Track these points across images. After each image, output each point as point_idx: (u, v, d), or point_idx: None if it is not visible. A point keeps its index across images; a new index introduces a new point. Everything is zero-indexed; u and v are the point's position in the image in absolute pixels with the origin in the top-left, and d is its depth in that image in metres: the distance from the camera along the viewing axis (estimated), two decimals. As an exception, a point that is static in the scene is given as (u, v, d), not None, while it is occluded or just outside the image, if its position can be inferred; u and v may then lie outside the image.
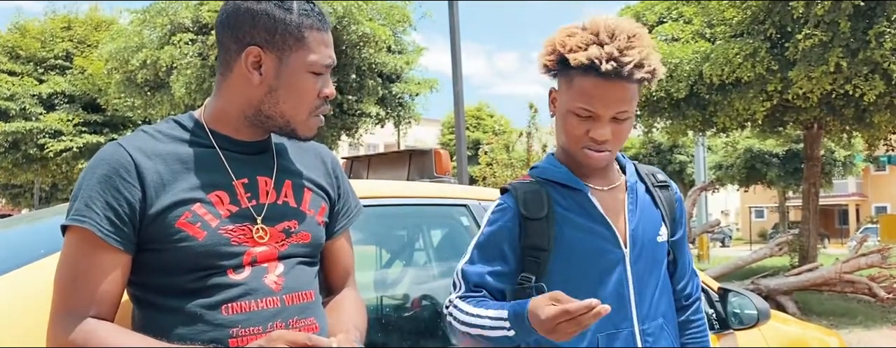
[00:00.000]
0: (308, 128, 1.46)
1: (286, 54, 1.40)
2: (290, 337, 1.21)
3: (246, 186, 1.42)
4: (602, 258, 1.64)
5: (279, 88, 1.40)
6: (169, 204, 1.33)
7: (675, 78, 11.13)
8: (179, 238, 1.33)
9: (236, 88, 1.42)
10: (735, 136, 23.91)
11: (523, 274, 1.62)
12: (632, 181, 1.74)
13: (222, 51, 1.43)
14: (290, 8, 1.40)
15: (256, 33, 1.38)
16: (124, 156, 1.34)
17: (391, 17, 13.72)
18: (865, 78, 9.66)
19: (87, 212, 1.30)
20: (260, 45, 1.39)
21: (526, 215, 1.63)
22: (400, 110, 15.04)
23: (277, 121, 1.43)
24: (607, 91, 1.55)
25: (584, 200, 1.66)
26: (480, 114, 35.21)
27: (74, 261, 1.30)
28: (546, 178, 1.70)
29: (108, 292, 1.30)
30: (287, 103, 1.42)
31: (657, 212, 1.75)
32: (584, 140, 1.60)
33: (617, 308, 1.61)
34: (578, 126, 1.60)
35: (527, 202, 1.64)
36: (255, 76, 1.39)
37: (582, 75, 1.56)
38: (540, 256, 1.61)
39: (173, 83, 12.28)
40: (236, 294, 1.35)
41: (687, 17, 12.52)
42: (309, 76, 1.42)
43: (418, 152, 3.07)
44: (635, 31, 1.58)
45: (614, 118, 1.58)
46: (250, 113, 1.43)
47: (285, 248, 1.43)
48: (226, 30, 1.41)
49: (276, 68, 1.40)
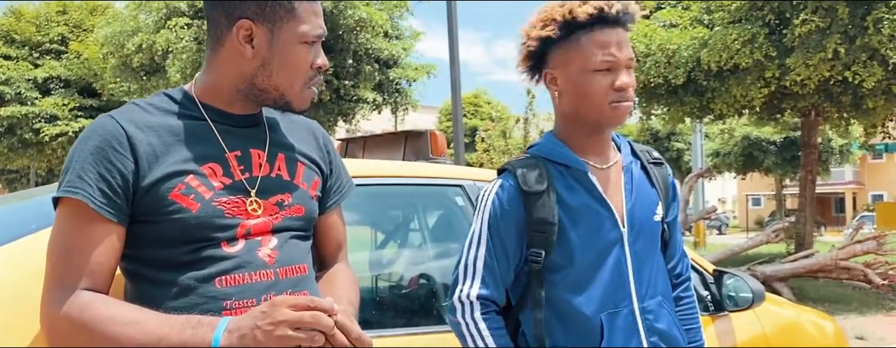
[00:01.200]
0: (302, 100, 1.45)
1: (277, 26, 1.39)
2: (292, 300, 1.22)
3: (239, 159, 1.41)
4: (601, 237, 1.64)
5: (272, 61, 1.39)
6: (162, 175, 1.32)
7: (673, 64, 11.09)
8: (173, 210, 1.31)
9: (228, 63, 1.41)
10: (732, 124, 23.93)
11: (532, 249, 1.62)
12: (628, 161, 1.74)
13: (212, 26, 1.42)
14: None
15: (247, 6, 1.37)
16: (116, 128, 1.33)
17: (388, 1, 13.67)
18: (863, 64, 9.65)
19: (80, 184, 1.28)
20: (251, 18, 1.37)
21: (527, 190, 1.63)
22: (397, 96, 15.01)
23: (271, 94, 1.42)
24: (620, 36, 1.61)
25: (583, 179, 1.66)
26: (478, 101, 35.19)
27: (67, 233, 1.29)
28: (545, 157, 1.70)
29: (101, 264, 1.29)
30: (281, 75, 1.41)
31: (653, 190, 1.75)
32: (610, 95, 1.60)
33: (617, 286, 1.63)
34: (603, 80, 1.60)
35: (526, 177, 1.64)
36: (248, 49, 1.38)
37: (591, 30, 1.60)
38: (547, 230, 1.61)
39: (169, 67, 12.25)
40: (230, 266, 1.34)
41: (685, 3, 12.46)
42: (301, 47, 1.41)
43: (414, 133, 3.05)
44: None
45: (627, 66, 1.62)
46: (243, 86, 1.42)
47: (279, 221, 1.42)
48: (215, 5, 1.40)
49: (268, 41, 1.39)
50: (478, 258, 1.64)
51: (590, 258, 1.63)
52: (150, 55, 12.89)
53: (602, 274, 1.62)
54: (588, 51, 1.60)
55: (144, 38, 12.75)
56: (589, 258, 1.63)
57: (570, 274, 1.62)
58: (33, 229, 1.59)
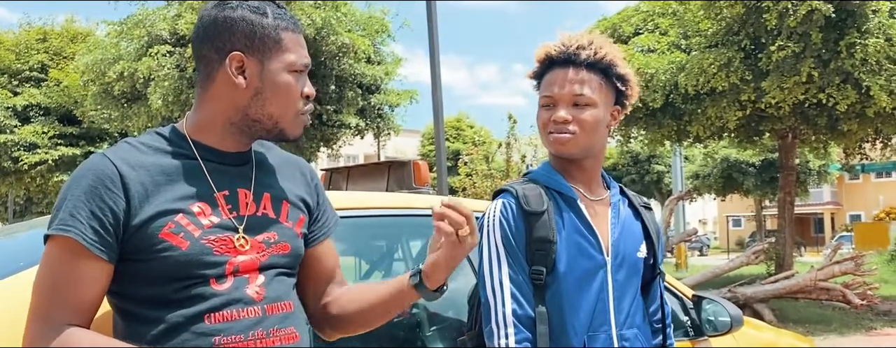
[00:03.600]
0: (295, 127, 1.50)
1: (267, 57, 1.44)
2: None
3: (227, 198, 1.44)
4: (587, 262, 1.72)
5: (264, 90, 1.44)
6: (152, 214, 1.35)
7: (651, 88, 11.25)
8: (162, 248, 1.34)
9: (221, 96, 1.45)
10: (713, 146, 24.17)
11: (534, 267, 1.68)
12: (615, 199, 1.84)
13: (202, 63, 1.46)
14: (265, 12, 1.44)
15: (236, 39, 1.42)
16: (109, 167, 1.36)
17: (370, 27, 13.75)
18: (837, 87, 9.83)
19: (73, 222, 1.31)
20: (241, 51, 1.42)
21: (528, 210, 1.70)
22: (379, 121, 15.04)
23: (266, 124, 1.47)
24: (559, 76, 1.76)
25: (573, 205, 1.75)
26: (461, 124, 35.29)
27: (56, 269, 1.31)
28: (541, 182, 1.79)
29: (88, 301, 1.31)
30: (274, 104, 1.45)
31: (639, 228, 1.85)
32: (549, 126, 1.75)
33: (598, 311, 1.71)
34: (544, 115, 1.77)
35: (527, 197, 1.73)
36: (241, 80, 1.43)
37: (550, 69, 1.78)
38: (547, 248, 1.68)
39: (150, 95, 12.20)
40: (219, 303, 1.37)
41: (663, 29, 12.67)
42: (290, 76, 1.46)
43: (397, 163, 3.09)
44: (597, 36, 1.80)
45: (575, 104, 1.73)
46: (237, 118, 1.46)
47: (266, 259, 1.45)
48: (205, 42, 1.44)
49: (259, 72, 1.43)
50: (503, 278, 1.68)
51: (576, 280, 1.70)
52: (131, 83, 12.84)
53: (587, 297, 1.69)
54: (541, 88, 1.79)
55: (126, 66, 12.71)
56: (575, 279, 1.69)
57: (558, 294, 1.69)
58: (21, 267, 1.61)
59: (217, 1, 1.45)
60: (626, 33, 13.15)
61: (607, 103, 1.77)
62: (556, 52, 1.76)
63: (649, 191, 32.53)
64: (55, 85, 18.84)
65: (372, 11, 14.02)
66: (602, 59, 1.74)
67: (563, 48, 1.75)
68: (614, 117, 1.81)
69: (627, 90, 1.80)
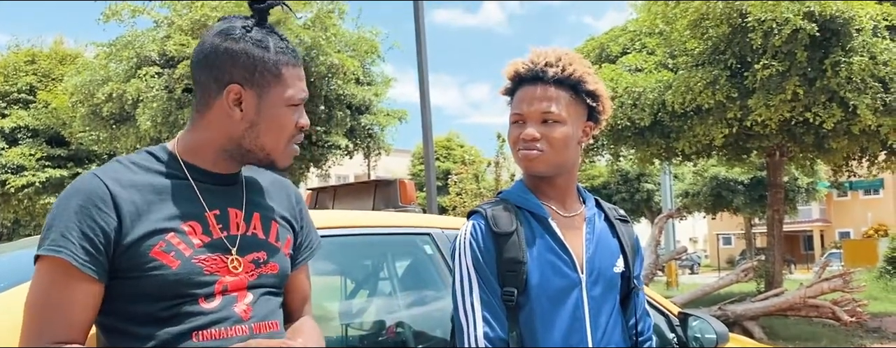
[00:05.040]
0: (286, 157, 1.51)
1: (265, 90, 1.44)
2: (265, 343, 1.30)
3: (217, 217, 1.45)
4: (560, 280, 1.71)
5: (260, 123, 1.45)
6: (143, 233, 1.36)
7: (639, 106, 11.33)
8: (153, 267, 1.35)
9: (216, 124, 1.46)
10: (702, 164, 24.29)
11: (506, 288, 1.67)
12: (590, 213, 1.83)
13: (200, 89, 1.47)
14: (267, 46, 1.44)
15: (236, 72, 1.43)
16: (100, 186, 1.36)
17: (359, 48, 13.79)
18: (823, 106, 9.91)
19: (64, 242, 1.31)
20: (240, 83, 1.43)
21: (497, 231, 1.70)
22: (369, 141, 15.04)
23: (257, 154, 1.48)
24: (528, 93, 1.75)
25: (545, 224, 1.74)
26: (451, 144, 35.35)
27: (47, 290, 1.31)
28: (513, 202, 1.78)
29: (80, 320, 1.32)
30: (267, 137, 1.46)
31: (616, 242, 1.83)
32: (519, 144, 1.75)
33: (574, 329, 1.69)
34: (514, 132, 1.77)
35: (496, 218, 1.72)
36: (236, 112, 1.44)
37: (514, 88, 1.79)
38: (518, 269, 1.67)
39: (139, 116, 12.18)
40: (207, 321, 1.38)
41: (650, 49, 12.77)
42: (287, 109, 1.47)
43: (383, 182, 3.10)
44: (566, 52, 1.79)
45: (544, 121, 1.73)
46: (230, 147, 1.47)
47: (255, 278, 1.46)
48: (204, 69, 1.45)
49: (256, 105, 1.44)
50: (474, 301, 1.68)
51: (549, 298, 1.69)
52: (120, 104, 12.82)
53: (561, 316, 1.68)
54: (512, 106, 1.79)
55: (115, 87, 12.69)
56: (549, 298, 1.69)
57: (531, 313, 1.68)
58: (1, 288, 1.60)
59: (221, 27, 1.46)
60: (614, 53, 13.26)
61: (578, 119, 1.76)
62: (524, 69, 1.77)
63: (639, 209, 32.57)
64: (43, 107, 18.77)
65: (361, 32, 14.06)
66: (570, 76, 1.74)
67: (532, 65, 1.76)
68: (586, 133, 1.80)
69: (598, 106, 1.79)
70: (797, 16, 9.36)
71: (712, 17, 10.26)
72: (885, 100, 9.63)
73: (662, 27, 12.06)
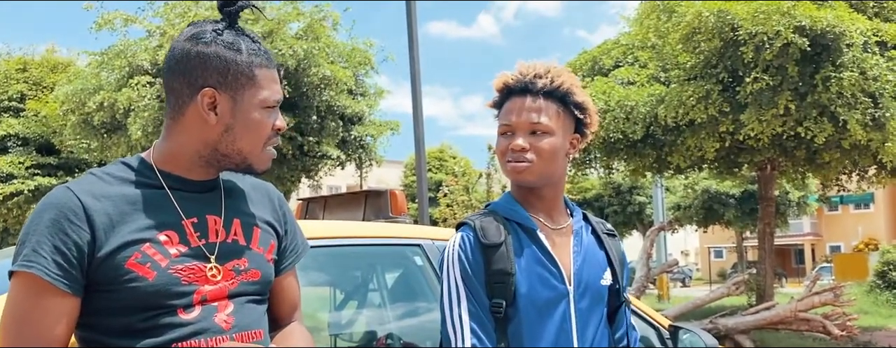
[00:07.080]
0: (263, 161, 1.49)
1: (239, 93, 1.42)
2: (242, 346, 1.28)
3: (195, 225, 1.42)
4: (548, 292, 1.71)
5: (235, 126, 1.43)
6: (118, 245, 1.33)
7: (632, 120, 11.36)
8: (129, 278, 1.32)
9: (191, 130, 1.43)
10: (693, 178, 24.36)
11: (494, 300, 1.67)
12: (578, 226, 1.83)
13: (173, 95, 1.44)
14: (239, 48, 1.42)
15: (209, 75, 1.40)
16: (72, 200, 1.34)
17: (352, 59, 13.80)
18: (814, 120, 9.96)
19: (35, 257, 1.29)
20: (213, 87, 1.40)
21: (485, 243, 1.70)
22: (361, 152, 15.03)
23: (234, 159, 1.46)
24: (516, 104, 1.76)
25: (533, 236, 1.74)
26: (443, 155, 35.36)
27: (21, 306, 1.30)
28: (501, 214, 1.78)
29: (56, 336, 1.30)
30: (244, 140, 1.44)
31: (603, 255, 1.84)
32: (507, 155, 1.75)
33: (561, 341, 1.69)
34: (502, 143, 1.78)
35: (485, 229, 1.72)
36: (212, 116, 1.41)
37: (502, 100, 1.80)
38: (506, 280, 1.67)
39: (130, 125, 12.15)
40: (186, 333, 1.35)
41: (642, 62, 12.82)
42: (263, 111, 1.45)
43: (374, 193, 3.08)
44: (554, 64, 1.80)
45: (532, 132, 1.73)
46: (206, 152, 1.44)
47: (235, 287, 1.43)
48: (176, 75, 1.42)
49: (231, 108, 1.42)
50: (462, 313, 1.67)
51: (537, 310, 1.69)
52: (111, 113, 12.79)
53: (549, 327, 1.68)
54: (500, 117, 1.80)
55: (106, 96, 12.66)
56: (536, 310, 1.68)
57: (519, 325, 1.68)
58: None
59: (191, 32, 1.44)
60: (607, 66, 13.30)
61: (565, 131, 1.77)
62: (513, 80, 1.78)
63: (631, 221, 32.60)
64: (33, 115, 18.70)
65: (355, 43, 14.08)
66: (559, 87, 1.75)
67: (520, 77, 1.77)
68: (574, 145, 1.81)
69: (586, 118, 1.80)
70: (788, 29, 9.42)
71: (704, 31, 10.31)
72: (874, 116, 9.69)
73: (655, 41, 12.12)
